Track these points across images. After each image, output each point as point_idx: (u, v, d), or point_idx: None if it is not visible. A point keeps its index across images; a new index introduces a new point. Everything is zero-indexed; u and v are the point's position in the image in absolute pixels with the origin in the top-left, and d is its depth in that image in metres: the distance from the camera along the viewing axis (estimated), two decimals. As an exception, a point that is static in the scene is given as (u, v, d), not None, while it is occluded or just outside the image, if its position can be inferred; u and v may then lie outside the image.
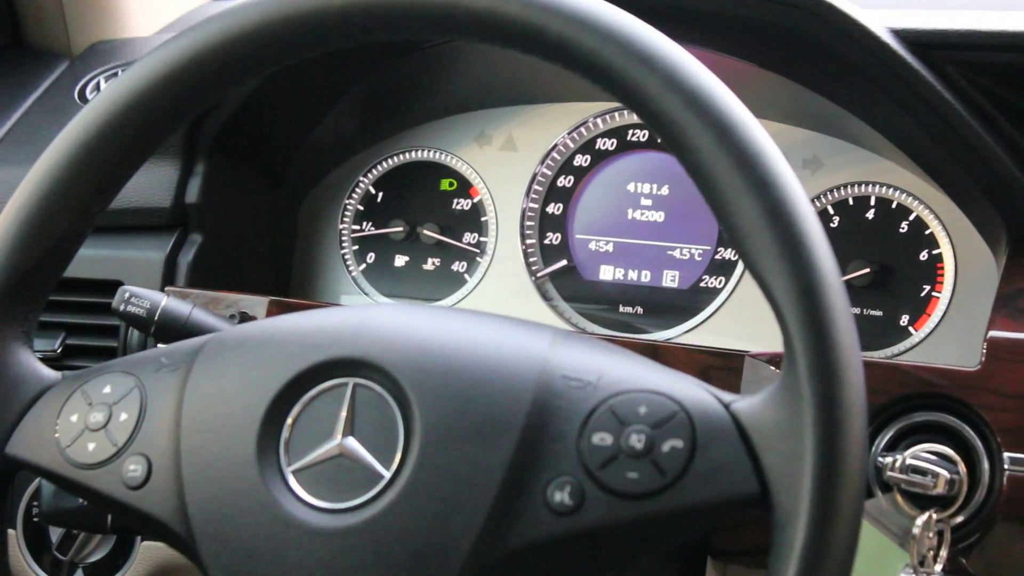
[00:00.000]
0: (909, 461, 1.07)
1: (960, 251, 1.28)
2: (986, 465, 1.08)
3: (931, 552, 1.06)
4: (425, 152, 1.44)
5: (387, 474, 0.91)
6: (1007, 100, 1.19)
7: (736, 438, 0.88)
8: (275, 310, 1.17)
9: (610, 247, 1.38)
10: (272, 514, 0.91)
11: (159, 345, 1.06)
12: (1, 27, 1.58)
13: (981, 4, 1.34)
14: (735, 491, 0.88)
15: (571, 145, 1.40)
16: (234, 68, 0.98)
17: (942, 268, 1.28)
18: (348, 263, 1.44)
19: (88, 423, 0.97)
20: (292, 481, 0.92)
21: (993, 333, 1.11)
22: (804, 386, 0.86)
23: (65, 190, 1.00)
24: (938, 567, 1.06)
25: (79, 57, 1.56)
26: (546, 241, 1.39)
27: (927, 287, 1.28)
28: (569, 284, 1.38)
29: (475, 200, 1.42)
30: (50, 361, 1.05)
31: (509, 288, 1.39)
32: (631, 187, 1.38)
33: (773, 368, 1.00)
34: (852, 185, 1.31)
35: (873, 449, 1.10)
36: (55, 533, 1.30)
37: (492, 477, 0.89)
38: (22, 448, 0.99)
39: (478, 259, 1.41)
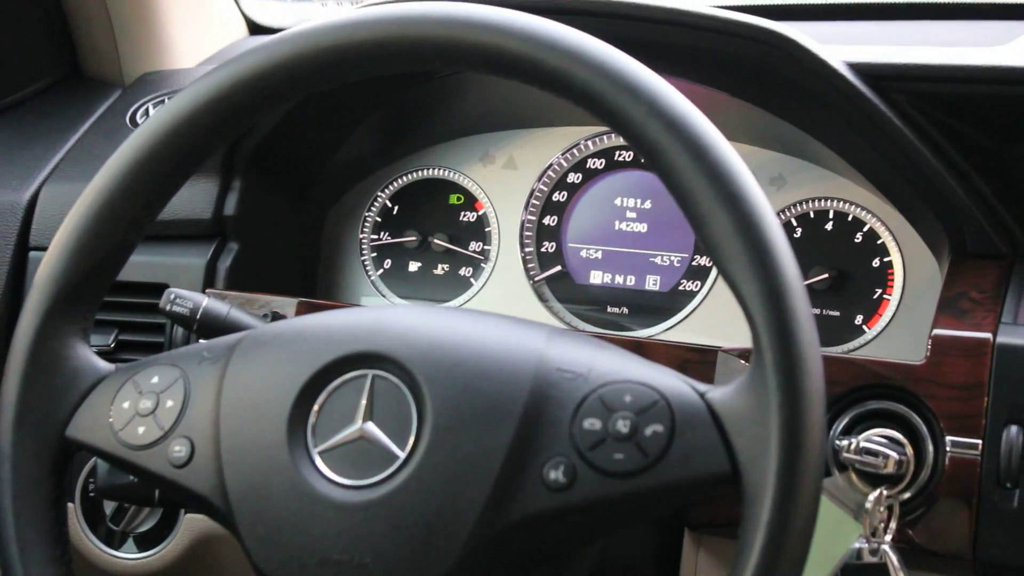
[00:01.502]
0: (862, 444, 1.07)
1: (908, 259, 1.27)
2: (930, 448, 1.08)
3: (882, 524, 1.06)
4: (436, 170, 1.43)
5: (402, 455, 0.91)
6: (951, 126, 1.18)
7: (710, 423, 0.88)
8: (303, 310, 1.17)
9: (599, 254, 1.38)
10: (300, 490, 0.91)
11: (201, 340, 1.06)
12: (62, 60, 1.58)
13: (930, 41, 1.34)
14: (709, 470, 0.88)
15: (565, 164, 1.39)
16: (266, 96, 0.98)
17: (892, 274, 1.28)
18: (367, 268, 1.43)
19: (138, 409, 0.97)
20: (318, 461, 0.92)
21: (937, 331, 1.11)
22: (770, 378, 0.85)
23: (118, 204, 1.00)
24: (888, 537, 1.06)
25: (130, 86, 1.56)
26: (542, 249, 1.39)
27: (879, 290, 1.28)
28: (563, 287, 1.38)
29: (480, 213, 1.41)
30: (104, 354, 1.04)
31: (509, 291, 1.39)
32: (618, 201, 1.38)
33: (743, 362, 1.00)
34: (813, 200, 1.31)
35: (831, 433, 1.10)
36: (109, 506, 1.30)
37: (494, 458, 0.88)
38: (80, 431, 0.99)
39: (482, 265, 1.40)
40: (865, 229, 1.29)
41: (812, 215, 1.31)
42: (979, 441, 1.07)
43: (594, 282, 1.37)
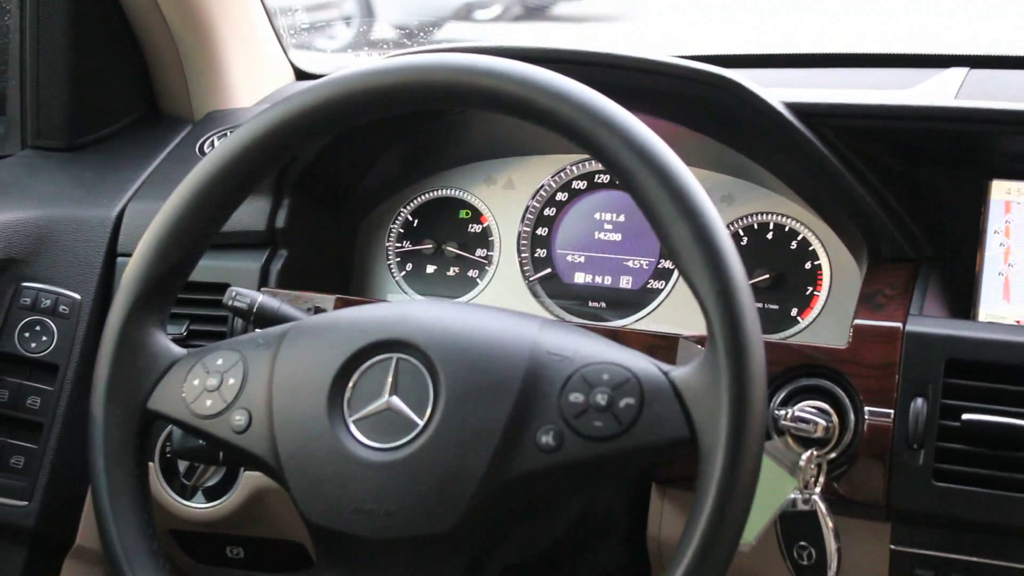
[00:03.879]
0: (797, 413, 1.07)
1: (834, 262, 1.27)
2: (852, 416, 1.08)
3: (812, 479, 1.06)
4: (448, 190, 1.43)
5: (420, 423, 0.90)
6: (867, 153, 1.18)
7: (673, 397, 0.88)
8: (340, 305, 1.17)
9: (582, 259, 1.37)
10: (338, 452, 0.91)
11: (256, 330, 1.06)
12: (143, 101, 1.58)
13: (852, 85, 1.34)
14: (672, 435, 0.87)
15: (554, 185, 1.39)
16: (310, 131, 0.97)
17: (821, 274, 1.28)
18: (392, 271, 1.43)
19: (206, 386, 0.97)
20: (353, 428, 0.92)
21: (857, 321, 1.11)
22: (722, 360, 0.85)
23: (189, 219, 0.99)
24: (817, 489, 1.06)
25: (198, 122, 1.55)
26: (535, 255, 1.39)
27: (810, 288, 1.28)
28: (552, 286, 1.38)
29: (484, 225, 1.41)
30: (178, 341, 1.04)
31: (508, 289, 1.39)
32: (597, 216, 1.38)
33: (699, 346, 1.00)
34: (756, 214, 1.31)
35: (771, 405, 1.10)
36: (182, 465, 1.30)
37: (496, 426, 0.88)
38: (159, 404, 0.99)
39: (486, 268, 1.40)
40: (799, 238, 1.29)
41: (756, 226, 1.31)
42: (891, 411, 1.07)
43: (578, 281, 1.37)
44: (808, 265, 1.28)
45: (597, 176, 1.39)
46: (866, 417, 1.07)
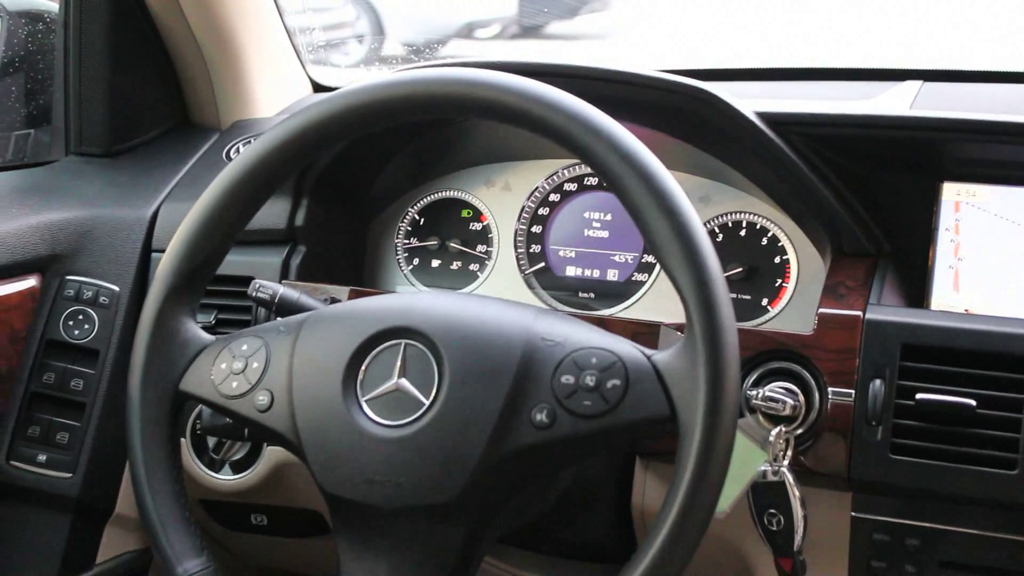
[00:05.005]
0: (767, 393, 1.07)
1: (801, 257, 1.27)
2: (816, 396, 1.08)
3: (781, 453, 1.06)
4: (451, 192, 1.43)
5: (426, 402, 0.90)
6: (831, 158, 1.18)
7: (655, 378, 0.88)
8: (353, 296, 1.16)
9: (573, 254, 1.37)
10: (352, 428, 0.91)
11: (278, 318, 1.05)
12: (175, 111, 1.58)
13: (817, 96, 1.34)
14: (654, 413, 0.87)
15: (547, 187, 1.39)
16: (325, 138, 0.97)
17: (789, 268, 1.27)
18: (401, 265, 1.43)
19: (232, 369, 0.97)
20: (365, 407, 0.92)
21: (822, 310, 1.11)
22: (699, 345, 0.85)
23: (217, 217, 0.99)
24: (785, 462, 1.06)
25: (225, 131, 1.55)
26: (531, 250, 1.39)
27: (779, 280, 1.27)
28: (546, 278, 1.38)
29: (484, 224, 1.41)
30: (207, 329, 1.04)
31: (506, 281, 1.38)
32: (586, 215, 1.37)
33: (679, 333, 1.00)
34: (730, 213, 1.31)
35: (743, 385, 1.10)
36: (211, 441, 1.30)
37: (495, 405, 0.88)
38: (189, 385, 0.99)
39: (486, 262, 1.40)
40: (769, 235, 1.29)
41: (730, 224, 1.30)
42: (852, 391, 1.07)
43: (569, 274, 1.37)
44: (777, 259, 1.28)
45: (586, 179, 1.38)
46: (829, 397, 1.07)
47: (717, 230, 1.31)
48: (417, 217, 1.44)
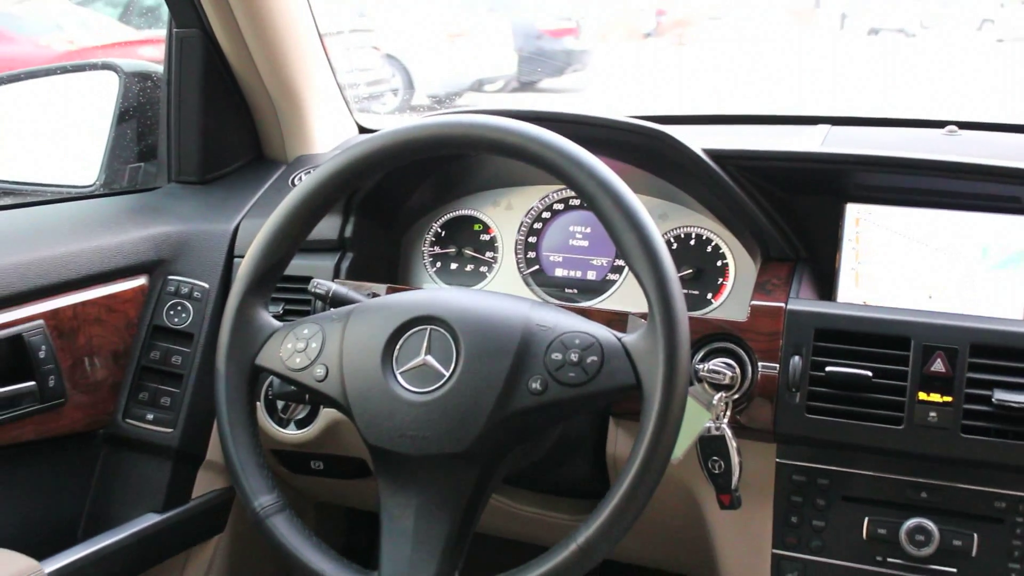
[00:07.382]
0: (711, 367, 1.07)
1: (737, 261, 1.27)
2: (750, 369, 1.08)
3: (722, 413, 1.06)
4: (466, 210, 1.43)
5: (447, 374, 0.90)
6: (760, 185, 1.18)
7: (624, 356, 0.88)
8: (390, 291, 1.16)
9: (560, 258, 1.37)
10: (389, 394, 0.91)
11: (331, 309, 1.05)
12: (252, 148, 1.58)
13: (753, 135, 1.33)
14: (623, 382, 0.87)
15: (541, 207, 1.39)
16: (368, 169, 0.97)
17: (728, 270, 1.27)
18: (427, 267, 1.43)
19: (296, 348, 0.97)
20: (399, 378, 0.92)
21: (753, 302, 1.11)
22: (659, 329, 0.85)
23: (285, 231, 0.99)
24: (725, 420, 1.06)
25: (290, 163, 1.55)
26: (528, 256, 1.39)
27: (720, 279, 1.27)
28: (539, 278, 1.38)
29: (492, 235, 1.41)
30: (277, 317, 1.04)
31: (508, 280, 1.38)
32: (571, 228, 1.37)
33: (643, 320, 1.00)
34: (683, 227, 1.30)
35: (693, 361, 1.09)
36: (280, 404, 1.30)
37: (500, 376, 0.88)
38: (263, 361, 0.99)
39: (493, 265, 1.40)
40: (713, 244, 1.29)
41: (683, 236, 1.30)
42: (777, 365, 1.07)
43: (558, 275, 1.37)
44: (719, 263, 1.28)
45: (571, 200, 1.38)
46: (759, 369, 1.07)
47: (672, 240, 1.31)
48: (439, 230, 1.44)
